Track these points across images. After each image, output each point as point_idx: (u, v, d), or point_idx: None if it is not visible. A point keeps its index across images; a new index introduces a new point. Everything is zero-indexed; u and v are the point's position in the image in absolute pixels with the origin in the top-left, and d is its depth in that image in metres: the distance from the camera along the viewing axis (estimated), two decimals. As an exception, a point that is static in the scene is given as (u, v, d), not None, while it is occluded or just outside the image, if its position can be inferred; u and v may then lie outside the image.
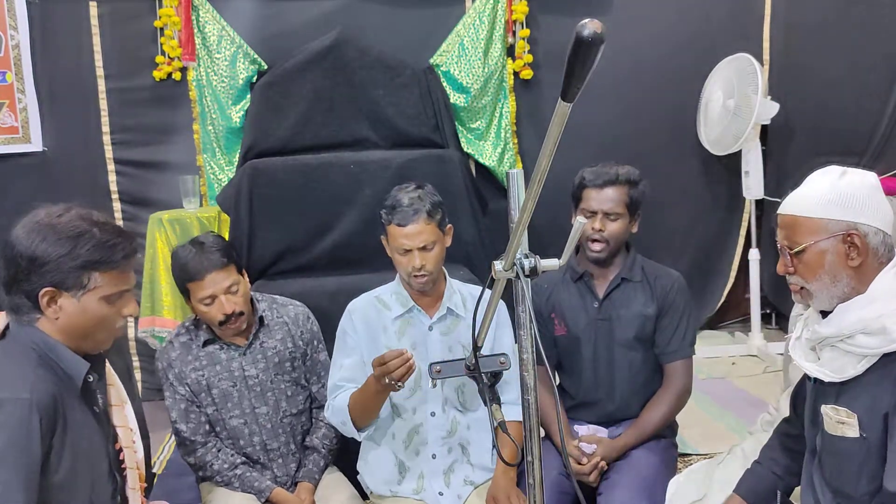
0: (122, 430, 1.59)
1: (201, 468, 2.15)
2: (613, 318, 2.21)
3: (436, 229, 2.03)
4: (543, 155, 1.02)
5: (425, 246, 2.01)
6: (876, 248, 1.48)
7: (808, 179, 1.55)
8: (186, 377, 2.14)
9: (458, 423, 2.12)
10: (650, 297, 2.20)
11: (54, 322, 1.43)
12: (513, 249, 1.23)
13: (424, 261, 2.01)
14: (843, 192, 1.48)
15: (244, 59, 3.67)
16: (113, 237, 1.45)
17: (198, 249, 2.06)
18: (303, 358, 2.26)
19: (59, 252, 1.39)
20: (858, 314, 1.46)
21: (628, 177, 2.17)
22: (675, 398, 2.21)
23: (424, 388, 2.08)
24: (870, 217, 1.47)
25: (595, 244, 2.17)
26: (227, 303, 2.06)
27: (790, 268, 1.54)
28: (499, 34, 3.86)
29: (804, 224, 1.51)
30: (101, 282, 1.43)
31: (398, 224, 2.00)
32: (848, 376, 1.48)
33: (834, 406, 1.51)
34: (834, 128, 4.14)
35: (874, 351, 1.44)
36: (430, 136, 3.64)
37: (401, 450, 2.11)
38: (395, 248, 2.04)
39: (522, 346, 1.30)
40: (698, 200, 4.26)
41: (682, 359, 2.21)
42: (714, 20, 4.09)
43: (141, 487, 1.63)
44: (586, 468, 2.11)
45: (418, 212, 1.99)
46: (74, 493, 1.41)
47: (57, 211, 1.44)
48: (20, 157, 3.73)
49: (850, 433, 1.49)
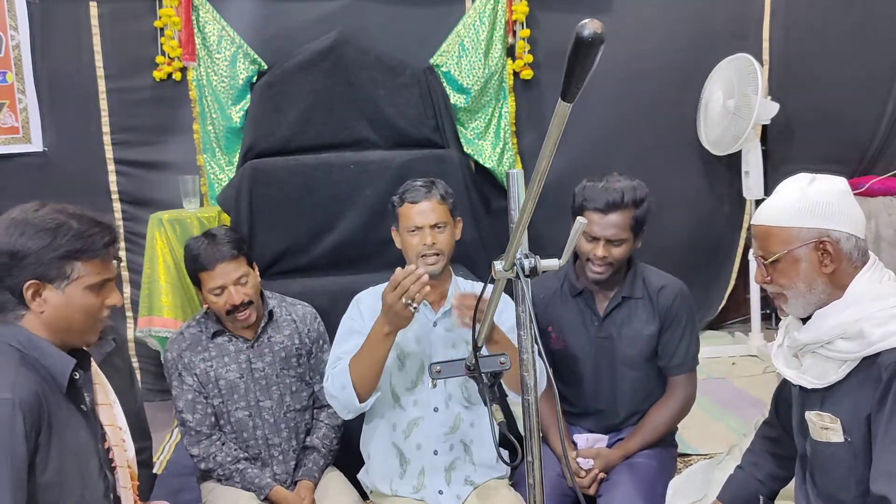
0: (110, 429, 1.59)
1: (204, 460, 2.17)
2: (615, 337, 2.15)
3: (447, 212, 2.07)
4: (543, 155, 1.02)
5: (437, 224, 2.04)
6: (849, 254, 1.50)
7: (778, 188, 1.57)
8: (195, 367, 2.17)
9: (462, 420, 2.11)
10: (652, 313, 2.13)
11: (39, 316, 1.43)
12: (513, 249, 1.23)
13: (435, 240, 2.03)
14: (813, 200, 1.50)
15: (244, 59, 3.67)
16: (91, 227, 1.46)
17: (210, 241, 2.13)
18: (308, 355, 2.29)
19: (39, 244, 1.40)
20: (836, 319, 1.47)
21: (633, 197, 2.03)
22: (677, 408, 2.18)
23: (426, 382, 2.07)
24: (841, 223, 1.49)
25: (597, 267, 2.07)
26: (237, 293, 2.11)
27: (767, 277, 1.56)
28: (499, 34, 3.86)
29: (777, 234, 1.52)
30: (84, 271, 1.44)
31: (411, 201, 2.04)
32: (830, 382, 1.49)
33: (818, 412, 1.52)
34: (834, 128, 4.14)
35: (854, 355, 1.45)
36: (430, 137, 3.64)
37: (401, 440, 2.11)
38: (406, 229, 2.06)
39: (522, 346, 1.30)
40: (698, 201, 4.26)
41: (687, 372, 2.18)
42: (714, 20, 4.08)
43: (133, 486, 1.62)
44: (585, 481, 2.09)
45: (431, 191, 2.05)
46: (64, 491, 1.41)
47: (32, 206, 1.45)
48: (20, 157, 3.73)
49: (835, 438, 1.50)
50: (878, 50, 4.09)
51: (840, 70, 4.10)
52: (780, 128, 4.10)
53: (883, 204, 3.92)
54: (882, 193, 3.98)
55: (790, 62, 4.13)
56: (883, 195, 3.97)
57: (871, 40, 4.09)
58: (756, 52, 3.98)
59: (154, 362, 3.67)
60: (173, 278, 3.18)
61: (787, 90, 4.09)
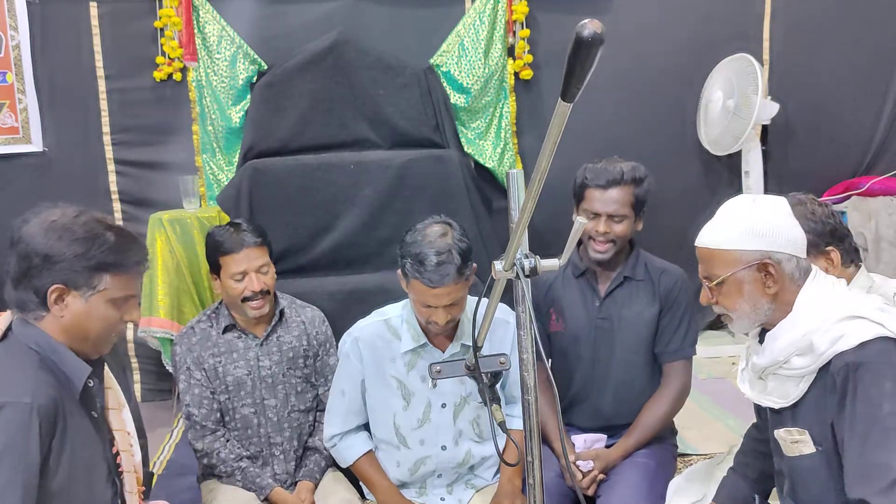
0: (119, 434, 1.59)
1: (207, 455, 2.18)
2: (615, 318, 2.17)
3: (464, 285, 1.91)
4: (543, 155, 1.02)
5: (453, 303, 1.90)
6: (791, 274, 1.52)
7: (720, 210, 1.59)
8: (204, 362, 2.20)
9: (472, 455, 2.08)
10: (653, 295, 2.16)
11: (59, 321, 1.44)
12: (513, 249, 1.23)
13: (450, 314, 1.91)
14: (755, 222, 1.52)
15: (244, 59, 3.67)
16: (128, 242, 1.49)
17: (236, 228, 2.20)
18: (314, 357, 2.31)
19: (74, 251, 1.42)
20: (787, 338, 1.50)
21: (633, 175, 2.08)
22: (673, 399, 2.18)
23: (434, 420, 2.03)
24: (782, 244, 1.51)
25: (599, 245, 2.10)
26: (257, 280, 2.16)
27: (712, 299, 1.59)
28: (499, 34, 3.85)
29: (720, 256, 1.54)
30: (111, 284, 1.45)
31: (426, 284, 1.86)
32: (794, 399, 1.52)
33: (787, 429, 1.55)
34: (834, 128, 4.14)
35: (809, 369, 1.48)
36: (430, 137, 3.64)
37: (406, 476, 2.09)
38: (418, 301, 1.93)
39: (522, 346, 1.30)
40: (698, 200, 4.24)
41: (683, 359, 2.18)
42: (714, 20, 4.08)
43: (139, 491, 1.63)
44: (584, 482, 2.09)
45: (448, 275, 1.84)
46: (72, 497, 1.41)
47: (73, 212, 1.46)
48: (20, 158, 3.72)
49: (807, 450, 1.52)
50: (878, 50, 4.09)
51: (840, 70, 4.10)
52: (780, 128, 4.10)
53: (883, 204, 3.92)
54: (882, 193, 3.97)
55: (790, 62, 4.13)
56: (883, 195, 3.96)
57: (870, 40, 4.09)
58: (756, 52, 3.98)
59: (154, 362, 3.66)
60: (171, 279, 3.18)
61: (787, 90, 4.09)
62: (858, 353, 1.41)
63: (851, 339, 1.42)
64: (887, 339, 1.42)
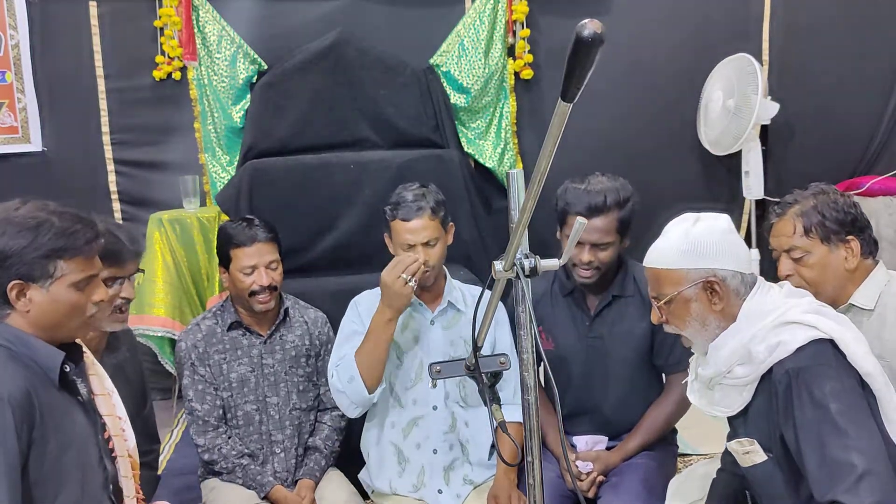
0: (109, 419, 1.58)
1: (209, 451, 2.20)
2: (605, 337, 2.15)
3: (439, 226, 2.08)
4: (543, 155, 1.02)
5: (428, 241, 2.05)
6: (736, 290, 1.55)
7: (665, 230, 1.62)
8: (209, 359, 2.22)
9: (458, 419, 2.13)
10: (644, 310, 2.10)
11: (25, 315, 1.43)
12: (513, 249, 1.23)
13: (427, 256, 2.05)
14: (698, 241, 1.55)
15: (244, 59, 3.66)
16: (73, 224, 1.45)
17: (248, 223, 2.24)
18: (316, 357, 2.34)
19: (20, 244, 1.40)
20: (728, 348, 1.52)
21: (617, 199, 2.01)
22: (675, 406, 2.18)
23: (426, 379, 2.08)
24: (725, 262, 1.54)
25: (584, 272, 2.06)
26: (266, 275, 2.19)
27: (662, 318, 1.61)
28: (499, 34, 3.85)
29: (666, 276, 1.57)
30: (68, 269, 1.43)
31: (402, 219, 2.05)
32: (739, 407, 1.55)
33: (737, 440, 1.57)
34: (834, 127, 4.14)
35: (751, 377, 1.50)
36: (430, 136, 3.63)
37: (400, 439, 2.12)
38: (398, 244, 2.08)
39: (522, 346, 1.30)
40: (698, 200, 4.23)
41: (684, 370, 2.17)
42: (714, 20, 4.08)
43: (135, 475, 1.63)
44: (584, 484, 2.09)
45: (422, 208, 2.05)
46: (64, 482, 1.41)
47: (12, 205, 1.45)
48: (20, 157, 3.72)
49: (759, 458, 1.54)
50: (878, 50, 4.09)
51: (840, 70, 4.10)
52: (780, 128, 4.10)
53: (883, 204, 3.92)
54: (882, 193, 3.97)
55: (790, 62, 4.13)
56: (883, 195, 3.96)
57: (871, 40, 4.09)
58: (756, 52, 3.98)
59: (152, 362, 3.66)
60: (172, 278, 3.17)
61: (787, 90, 4.08)
62: (796, 358, 1.44)
63: (789, 346, 1.45)
64: (821, 341, 1.45)
